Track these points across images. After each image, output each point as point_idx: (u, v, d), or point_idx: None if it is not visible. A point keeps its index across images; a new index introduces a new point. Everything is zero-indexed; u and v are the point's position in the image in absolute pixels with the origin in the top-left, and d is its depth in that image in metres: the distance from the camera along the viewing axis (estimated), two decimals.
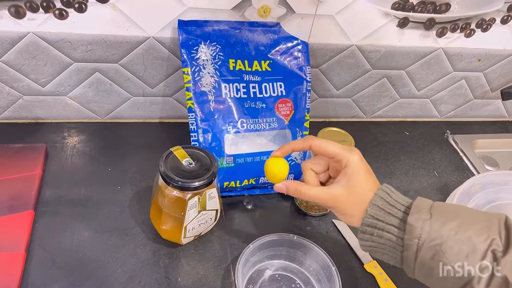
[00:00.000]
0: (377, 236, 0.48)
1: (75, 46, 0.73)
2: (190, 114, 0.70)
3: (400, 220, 0.47)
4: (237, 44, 0.73)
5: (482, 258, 0.42)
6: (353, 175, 0.50)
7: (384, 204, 0.49)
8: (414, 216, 0.46)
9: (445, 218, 0.45)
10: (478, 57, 0.91)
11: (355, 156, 0.51)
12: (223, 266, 0.64)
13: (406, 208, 0.48)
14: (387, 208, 0.48)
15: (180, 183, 0.57)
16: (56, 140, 0.79)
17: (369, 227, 0.49)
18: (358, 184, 0.50)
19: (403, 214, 0.47)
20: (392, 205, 0.48)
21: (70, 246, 0.62)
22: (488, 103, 1.02)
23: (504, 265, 0.41)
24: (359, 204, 0.50)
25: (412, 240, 0.45)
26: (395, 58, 0.87)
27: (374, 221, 0.48)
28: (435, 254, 0.44)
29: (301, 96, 0.77)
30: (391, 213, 0.48)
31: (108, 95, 0.81)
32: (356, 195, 0.50)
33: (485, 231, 0.43)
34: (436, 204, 0.47)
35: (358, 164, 0.51)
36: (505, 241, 0.42)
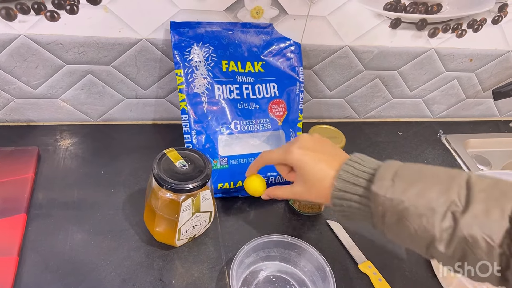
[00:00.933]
0: (347, 206, 0.50)
1: (67, 48, 0.72)
2: (184, 116, 0.70)
3: (364, 189, 0.49)
4: (230, 45, 0.73)
5: (442, 220, 0.43)
6: (300, 172, 0.54)
7: (349, 176, 0.50)
8: (377, 184, 0.47)
9: (407, 184, 0.46)
10: (469, 57, 0.92)
11: (293, 155, 0.55)
12: (218, 268, 0.63)
13: (371, 175, 0.49)
14: (352, 179, 0.50)
15: (173, 185, 0.57)
16: (49, 143, 0.78)
17: (338, 199, 0.51)
18: (310, 176, 0.54)
19: (367, 182, 0.49)
20: (357, 176, 0.50)
21: (63, 249, 0.62)
22: (480, 103, 1.03)
23: (463, 225, 0.42)
24: (322, 189, 0.52)
25: (377, 207, 0.47)
26: (388, 58, 0.87)
27: (341, 194, 0.50)
28: (400, 219, 0.46)
29: (294, 97, 0.77)
30: (356, 184, 0.50)
31: (100, 97, 0.80)
32: (314, 185, 0.53)
33: (444, 193, 0.44)
34: (401, 169, 0.48)
35: (299, 161, 0.54)
36: (464, 201, 0.43)
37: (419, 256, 0.70)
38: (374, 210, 0.48)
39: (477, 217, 0.41)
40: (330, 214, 0.75)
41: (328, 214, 0.74)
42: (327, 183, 0.52)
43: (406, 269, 0.68)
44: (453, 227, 0.42)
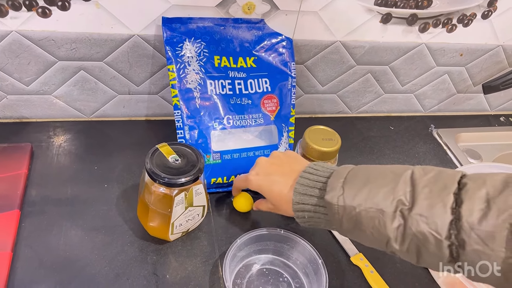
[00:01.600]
0: (308, 217, 0.54)
1: (59, 45, 0.72)
2: (176, 111, 0.71)
3: (318, 199, 0.52)
4: (222, 41, 0.73)
5: (392, 220, 0.45)
6: (264, 194, 0.60)
7: (304, 188, 0.53)
8: (330, 194, 0.49)
9: (355, 189, 0.48)
10: (460, 52, 0.93)
11: (251, 183, 0.61)
12: (211, 262, 0.64)
13: (324, 184, 0.52)
14: (308, 191, 0.53)
15: (166, 179, 0.57)
16: (42, 139, 0.78)
17: (299, 212, 0.54)
18: (270, 198, 0.59)
19: (320, 192, 0.52)
20: (312, 187, 0.53)
21: (57, 245, 0.62)
22: (470, 97, 1.04)
23: (411, 222, 0.43)
24: (285, 205, 0.56)
25: (334, 216, 0.50)
26: (379, 53, 0.88)
27: (301, 206, 0.53)
28: (355, 224, 0.48)
29: (287, 92, 0.77)
30: (312, 195, 0.52)
31: (93, 94, 0.81)
32: (277, 203, 0.58)
33: (390, 193, 0.46)
34: (350, 174, 0.50)
35: (257, 187, 0.60)
36: (410, 199, 0.44)
37: None
38: (331, 218, 0.50)
39: (422, 214, 0.43)
40: None
41: None
42: (285, 201, 0.56)
43: (397, 261, 0.69)
44: (403, 225, 0.44)
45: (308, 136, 0.67)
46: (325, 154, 0.66)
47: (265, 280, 0.63)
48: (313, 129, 0.69)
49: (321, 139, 0.66)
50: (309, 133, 0.67)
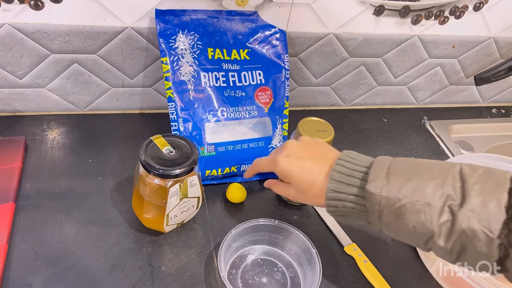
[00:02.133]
0: (342, 207, 0.51)
1: (52, 37, 0.72)
2: (170, 104, 0.71)
3: (359, 189, 0.49)
4: (215, 33, 0.73)
5: (440, 214, 0.44)
6: (291, 180, 0.56)
7: (342, 176, 0.51)
8: (372, 184, 0.47)
9: (401, 181, 0.46)
10: (452, 44, 0.93)
11: (279, 165, 0.56)
12: (206, 253, 0.65)
13: (364, 174, 0.49)
14: (345, 179, 0.50)
15: (161, 171, 0.57)
16: (36, 133, 0.78)
17: (332, 200, 0.51)
18: (298, 184, 0.55)
19: (361, 181, 0.49)
20: (350, 175, 0.50)
21: (52, 237, 0.62)
22: (463, 89, 1.05)
23: (461, 218, 0.42)
24: (314, 194, 0.53)
25: (373, 206, 0.47)
26: (372, 46, 0.88)
27: (335, 194, 0.50)
28: (397, 217, 0.46)
29: (280, 84, 0.78)
30: (350, 184, 0.50)
31: (87, 87, 0.80)
32: (305, 191, 0.54)
33: (439, 188, 0.44)
34: (393, 165, 0.48)
35: (286, 171, 0.56)
36: (460, 194, 0.44)
37: None
38: (370, 209, 0.48)
39: (474, 210, 0.42)
40: None
41: None
42: (317, 188, 0.53)
43: (391, 251, 0.69)
44: (451, 221, 0.43)
45: (302, 127, 0.67)
46: None
47: (260, 270, 0.64)
48: (306, 121, 0.69)
49: (315, 130, 0.67)
50: (303, 125, 0.68)
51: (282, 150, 0.58)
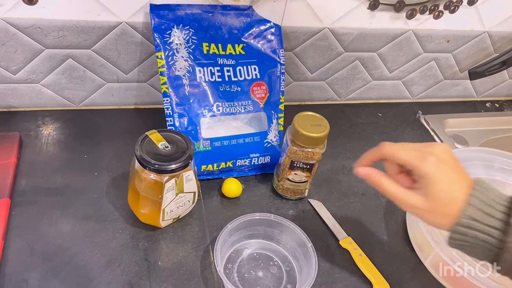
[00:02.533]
0: (472, 236, 0.45)
1: (46, 32, 0.72)
2: (165, 99, 0.71)
3: (500, 222, 0.44)
4: (210, 28, 0.73)
5: None
6: (430, 187, 0.47)
7: (481, 204, 0.45)
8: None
9: None
10: (447, 38, 0.94)
11: (430, 166, 0.47)
12: (202, 247, 0.65)
13: (506, 207, 0.45)
14: (485, 208, 0.45)
15: (156, 166, 0.57)
16: (30, 129, 0.78)
17: (464, 227, 0.45)
18: (440, 195, 0.47)
19: (503, 215, 0.44)
20: (490, 205, 0.45)
21: (48, 233, 0.62)
22: (457, 84, 1.05)
23: None
24: (449, 212, 0.47)
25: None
26: (367, 40, 0.89)
27: (471, 222, 0.45)
28: None
29: (276, 79, 0.78)
30: (490, 214, 0.45)
31: (82, 82, 0.80)
32: (442, 205, 0.47)
33: None
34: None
35: (436, 175, 0.47)
36: None
37: (398, 232, 0.72)
38: (510, 246, 0.43)
39: None
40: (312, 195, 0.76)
41: (309, 195, 0.76)
42: (456, 207, 0.46)
43: (386, 245, 0.70)
44: None
45: (297, 122, 0.67)
46: (313, 139, 0.66)
47: (256, 264, 0.64)
48: (302, 115, 0.69)
49: (310, 125, 0.67)
50: (298, 119, 0.68)
51: (432, 150, 0.49)
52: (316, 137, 0.66)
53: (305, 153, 0.68)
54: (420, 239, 0.68)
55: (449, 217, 0.46)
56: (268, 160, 0.77)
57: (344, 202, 0.76)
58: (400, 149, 0.50)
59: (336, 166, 0.83)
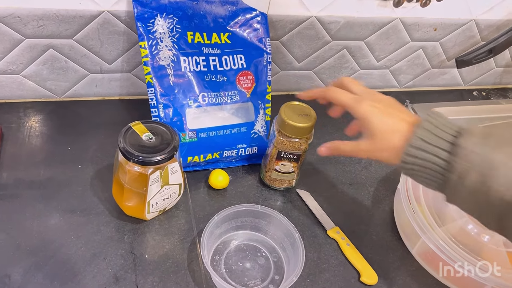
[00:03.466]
0: (422, 159, 0.46)
1: (25, 22, 0.70)
2: (150, 89, 0.69)
3: (449, 143, 0.45)
4: (195, 16, 0.72)
5: None
6: (368, 125, 0.51)
7: (432, 127, 0.47)
8: (467, 139, 0.44)
9: (499, 143, 0.43)
10: (434, 27, 0.93)
11: (365, 107, 0.52)
12: (189, 239, 0.64)
13: (456, 131, 0.46)
14: (435, 131, 0.46)
15: (140, 158, 0.56)
16: (11, 121, 0.76)
17: (415, 149, 0.47)
18: (378, 129, 0.50)
19: (453, 137, 0.45)
20: (441, 129, 0.46)
21: (31, 227, 0.61)
22: (444, 72, 1.05)
23: None
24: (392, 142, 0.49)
25: (462, 163, 0.43)
26: (354, 29, 0.88)
27: (422, 144, 0.46)
28: (484, 180, 0.42)
29: (262, 69, 0.77)
30: (440, 136, 0.46)
31: (64, 73, 0.78)
32: (384, 138, 0.50)
33: None
34: (489, 129, 0.45)
35: (369, 112, 0.51)
36: None
37: (385, 221, 0.72)
38: (456, 166, 0.44)
39: None
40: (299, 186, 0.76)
41: (297, 185, 0.76)
42: (397, 136, 0.49)
43: (373, 234, 0.70)
44: None
45: (284, 112, 0.67)
46: (300, 129, 0.66)
47: (243, 255, 0.64)
48: (289, 105, 0.68)
49: (297, 115, 0.66)
50: (285, 109, 0.67)
51: (367, 94, 0.54)
52: (303, 127, 0.65)
53: (292, 143, 0.67)
54: (407, 228, 0.68)
55: (395, 147, 0.49)
56: (255, 151, 0.77)
57: (332, 192, 0.76)
58: (341, 93, 0.56)
59: (323, 156, 0.82)
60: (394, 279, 0.64)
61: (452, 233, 0.63)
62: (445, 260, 0.61)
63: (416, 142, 0.47)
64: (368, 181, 0.79)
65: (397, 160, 0.49)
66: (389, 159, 0.51)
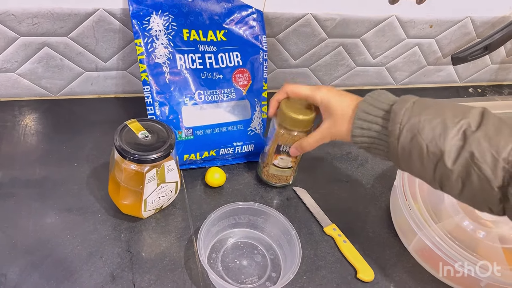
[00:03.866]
0: (367, 129, 0.54)
1: (20, 19, 0.69)
2: (145, 87, 0.69)
3: (385, 112, 0.53)
4: (190, 14, 0.72)
5: (453, 136, 0.46)
6: (327, 105, 0.59)
7: (373, 100, 0.55)
8: (398, 105, 0.51)
9: (425, 106, 0.50)
10: (429, 24, 0.93)
11: (321, 91, 0.61)
12: (186, 237, 0.64)
13: (393, 101, 0.54)
14: (375, 103, 0.54)
15: (136, 156, 0.56)
16: (7, 119, 0.76)
17: (360, 120, 0.55)
18: (335, 108, 0.59)
19: (389, 106, 0.53)
20: (381, 101, 0.54)
21: (27, 226, 0.61)
22: (440, 69, 1.06)
23: (472, 141, 0.45)
24: (347, 118, 0.57)
25: (395, 125, 0.51)
26: (350, 26, 0.88)
27: (364, 115, 0.54)
28: (414, 136, 0.49)
29: (258, 66, 0.77)
30: (379, 107, 0.54)
31: (59, 71, 0.78)
32: (340, 116, 0.58)
33: (459, 116, 0.47)
34: (422, 98, 0.52)
35: (326, 96, 0.60)
36: (477, 123, 0.46)
37: (381, 218, 0.72)
38: (391, 129, 0.51)
39: (487, 134, 0.45)
40: None
41: (294, 183, 0.76)
42: (350, 112, 0.56)
43: (370, 230, 0.70)
44: (462, 144, 0.46)
45: (285, 104, 0.65)
46: (301, 122, 0.65)
47: (240, 253, 0.64)
48: (290, 98, 0.67)
49: (298, 107, 0.65)
50: (286, 102, 0.66)
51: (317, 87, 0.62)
52: (304, 119, 0.64)
53: (292, 136, 0.67)
54: (404, 225, 0.68)
55: (349, 121, 0.56)
56: (252, 149, 0.77)
57: (328, 189, 0.76)
58: (298, 86, 0.64)
59: (320, 153, 0.82)
60: (390, 276, 0.64)
61: (448, 230, 0.63)
62: (441, 256, 0.61)
63: (360, 114, 0.55)
64: (365, 178, 0.79)
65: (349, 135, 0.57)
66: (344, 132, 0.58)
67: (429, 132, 0.48)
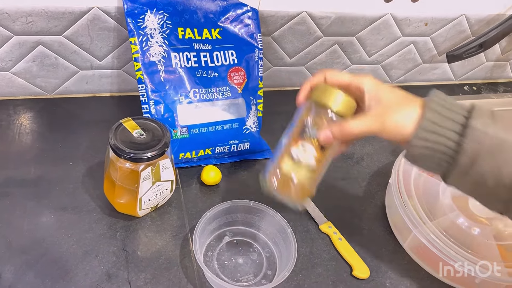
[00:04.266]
0: (432, 141, 0.45)
1: (14, 18, 0.69)
2: (140, 86, 0.69)
3: (460, 125, 0.44)
4: (185, 12, 0.72)
5: None
6: (376, 92, 0.49)
7: (440, 108, 0.45)
8: (477, 120, 0.43)
9: (509, 124, 0.43)
10: (425, 22, 0.94)
11: (369, 79, 0.50)
12: (181, 236, 0.64)
13: (466, 112, 0.45)
14: (444, 112, 0.45)
15: (131, 154, 0.56)
16: (1, 118, 0.76)
17: (426, 131, 0.45)
18: (386, 94, 0.49)
19: (463, 118, 0.44)
20: (449, 109, 0.45)
21: (22, 225, 0.61)
22: (436, 67, 1.06)
23: None
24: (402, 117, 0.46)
25: (472, 145, 0.43)
26: (345, 24, 0.88)
27: (432, 126, 0.45)
28: (496, 160, 0.42)
29: (254, 64, 0.77)
30: (450, 117, 0.45)
31: (54, 70, 0.78)
32: (394, 103, 0.48)
33: None
34: (498, 111, 0.45)
35: (373, 81, 0.50)
36: None
37: (377, 216, 0.73)
38: (467, 147, 0.43)
39: None
40: None
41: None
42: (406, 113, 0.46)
43: (365, 228, 0.70)
44: None
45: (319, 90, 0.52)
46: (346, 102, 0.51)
47: (236, 251, 0.64)
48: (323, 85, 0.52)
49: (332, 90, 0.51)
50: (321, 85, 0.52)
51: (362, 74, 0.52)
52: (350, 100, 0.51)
53: (327, 118, 0.51)
54: (399, 223, 0.68)
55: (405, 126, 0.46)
56: (247, 147, 0.77)
57: (324, 187, 0.76)
58: (339, 72, 0.53)
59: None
60: (386, 273, 0.64)
61: (443, 227, 0.63)
62: (436, 253, 0.61)
63: (427, 124, 0.45)
64: (360, 176, 0.80)
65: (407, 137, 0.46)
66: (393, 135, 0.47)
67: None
